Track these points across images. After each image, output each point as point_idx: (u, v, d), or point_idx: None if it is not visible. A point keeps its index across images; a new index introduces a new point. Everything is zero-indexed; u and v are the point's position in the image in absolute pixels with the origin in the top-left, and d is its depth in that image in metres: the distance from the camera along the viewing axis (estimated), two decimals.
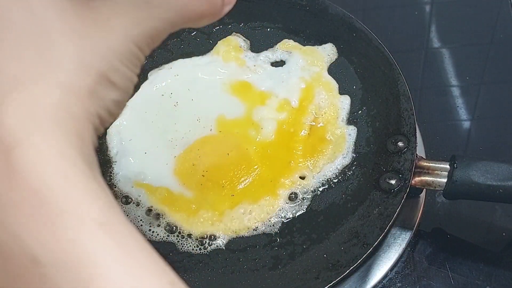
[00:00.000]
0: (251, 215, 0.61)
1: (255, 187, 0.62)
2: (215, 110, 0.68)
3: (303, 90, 0.68)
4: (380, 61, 0.68)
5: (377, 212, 0.58)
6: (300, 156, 0.64)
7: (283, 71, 0.70)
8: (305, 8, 0.74)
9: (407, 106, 0.64)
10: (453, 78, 0.78)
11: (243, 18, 0.75)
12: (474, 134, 0.74)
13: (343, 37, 0.72)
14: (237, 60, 0.72)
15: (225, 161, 0.63)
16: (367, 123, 0.66)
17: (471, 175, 0.57)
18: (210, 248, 0.60)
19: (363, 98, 0.68)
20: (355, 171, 0.63)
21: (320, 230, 0.60)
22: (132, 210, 0.62)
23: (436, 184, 0.59)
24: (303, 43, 0.73)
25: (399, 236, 0.62)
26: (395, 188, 0.59)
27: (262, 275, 0.58)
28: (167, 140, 0.66)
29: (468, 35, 0.83)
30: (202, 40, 0.75)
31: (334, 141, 0.65)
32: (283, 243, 0.60)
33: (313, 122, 0.67)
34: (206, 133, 0.66)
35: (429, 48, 0.82)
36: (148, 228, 0.61)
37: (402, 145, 0.61)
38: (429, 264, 0.62)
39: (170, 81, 0.71)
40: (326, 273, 0.55)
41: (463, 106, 0.76)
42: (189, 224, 0.61)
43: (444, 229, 0.65)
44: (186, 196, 0.62)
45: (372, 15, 0.88)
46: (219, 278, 0.58)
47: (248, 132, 0.66)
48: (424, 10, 0.87)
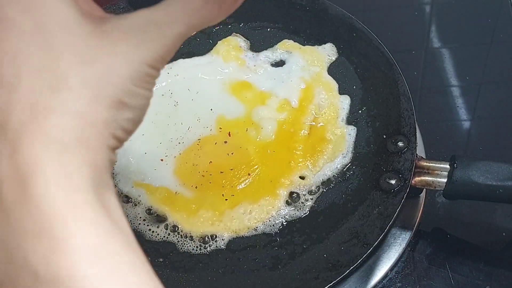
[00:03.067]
0: (251, 215, 0.61)
1: (255, 187, 0.62)
2: (215, 110, 0.68)
3: (303, 90, 0.68)
4: (380, 61, 0.68)
5: (377, 212, 0.58)
6: (300, 156, 0.64)
7: (283, 71, 0.71)
8: (305, 8, 0.74)
9: (407, 106, 0.64)
10: (453, 78, 0.78)
11: (243, 18, 0.75)
12: (474, 134, 0.74)
13: (343, 37, 0.72)
14: (237, 60, 0.72)
15: (225, 161, 0.63)
16: (367, 123, 0.66)
17: (471, 175, 0.57)
18: (210, 248, 0.60)
19: (363, 98, 0.68)
20: (355, 171, 0.63)
21: (320, 230, 0.60)
22: (132, 210, 0.62)
23: (436, 184, 0.59)
24: (303, 43, 0.73)
25: (399, 236, 0.62)
26: (395, 188, 0.59)
27: (262, 275, 0.58)
28: (167, 140, 0.66)
29: (468, 35, 0.83)
30: (202, 40, 0.75)
31: (334, 141, 0.65)
32: (283, 243, 0.60)
33: (313, 122, 0.67)
34: (206, 133, 0.66)
35: (429, 48, 0.82)
36: (148, 228, 0.61)
37: (402, 145, 0.61)
38: (429, 264, 0.62)
39: (170, 81, 0.71)
40: (326, 273, 0.55)
41: (463, 106, 0.76)
42: (189, 224, 0.61)
43: (444, 229, 0.65)
44: (186, 196, 0.62)
45: (372, 15, 0.88)
46: (219, 278, 0.58)
47: (248, 132, 0.66)
48: (424, 10, 0.87)
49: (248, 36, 0.74)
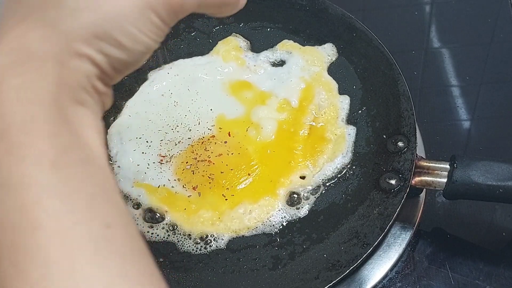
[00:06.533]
0: (251, 215, 0.61)
1: (255, 187, 0.62)
2: (215, 110, 0.68)
3: (303, 90, 0.68)
4: (380, 61, 0.68)
5: (377, 212, 0.58)
6: (300, 156, 0.64)
7: (283, 71, 0.71)
8: (305, 8, 0.74)
9: (407, 106, 0.64)
10: (453, 78, 0.78)
11: (243, 18, 0.75)
12: (474, 134, 0.74)
13: (343, 37, 0.72)
14: (237, 60, 0.72)
15: (225, 161, 0.63)
16: (367, 123, 0.66)
17: (471, 175, 0.57)
18: (210, 248, 0.60)
19: (363, 98, 0.68)
20: (355, 171, 0.63)
21: (320, 230, 0.60)
22: (132, 210, 0.62)
23: (436, 184, 0.59)
24: (303, 43, 0.73)
25: (399, 236, 0.62)
26: (395, 188, 0.59)
27: (262, 275, 0.58)
28: (167, 140, 0.66)
29: (468, 35, 0.83)
30: (202, 40, 0.75)
31: (334, 141, 0.65)
32: (283, 243, 0.60)
33: (313, 122, 0.67)
34: (206, 133, 0.66)
35: (429, 48, 0.82)
36: (148, 228, 0.61)
37: (402, 145, 0.61)
38: (429, 264, 0.62)
39: (170, 81, 0.71)
40: (326, 273, 0.55)
41: (463, 106, 0.76)
42: (189, 224, 0.61)
43: (444, 229, 0.65)
44: (186, 196, 0.62)
45: (372, 15, 0.88)
46: (219, 278, 0.58)
47: (248, 132, 0.66)
48: (424, 10, 0.87)
49: (248, 36, 0.74)
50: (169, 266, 0.59)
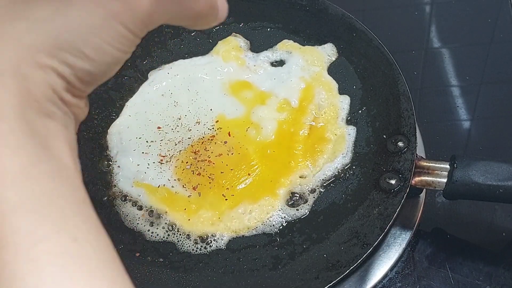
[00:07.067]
0: (251, 215, 0.61)
1: (255, 187, 0.62)
2: (215, 110, 0.68)
3: (303, 90, 0.68)
4: (380, 61, 0.68)
5: (377, 212, 0.58)
6: (300, 156, 0.64)
7: (283, 71, 0.71)
8: (305, 8, 0.74)
9: (407, 106, 0.64)
10: (453, 78, 0.78)
11: (243, 18, 0.75)
12: (474, 134, 0.74)
13: (343, 37, 0.72)
14: (237, 60, 0.72)
15: (225, 161, 0.63)
16: (367, 123, 0.66)
17: (471, 175, 0.57)
18: (210, 248, 0.60)
19: (363, 98, 0.68)
20: (355, 171, 0.63)
21: (320, 230, 0.60)
22: (132, 210, 0.62)
23: (436, 184, 0.59)
24: (303, 43, 0.73)
25: (399, 236, 0.62)
26: (395, 188, 0.59)
27: (262, 275, 0.57)
28: (167, 140, 0.66)
29: (468, 35, 0.83)
30: (202, 40, 0.75)
31: (334, 141, 0.65)
32: (283, 243, 0.60)
33: (313, 122, 0.67)
34: (206, 133, 0.66)
35: (429, 48, 0.82)
36: (148, 228, 0.61)
37: (402, 145, 0.61)
38: (429, 264, 0.62)
39: (170, 81, 0.71)
40: (326, 273, 0.55)
41: (463, 106, 0.76)
42: (189, 224, 0.61)
43: (444, 229, 0.65)
44: (186, 196, 0.62)
45: (372, 15, 0.88)
46: (219, 278, 0.58)
47: (248, 132, 0.66)
48: (424, 10, 0.87)
49: (248, 36, 0.74)
50: (169, 266, 0.59)
